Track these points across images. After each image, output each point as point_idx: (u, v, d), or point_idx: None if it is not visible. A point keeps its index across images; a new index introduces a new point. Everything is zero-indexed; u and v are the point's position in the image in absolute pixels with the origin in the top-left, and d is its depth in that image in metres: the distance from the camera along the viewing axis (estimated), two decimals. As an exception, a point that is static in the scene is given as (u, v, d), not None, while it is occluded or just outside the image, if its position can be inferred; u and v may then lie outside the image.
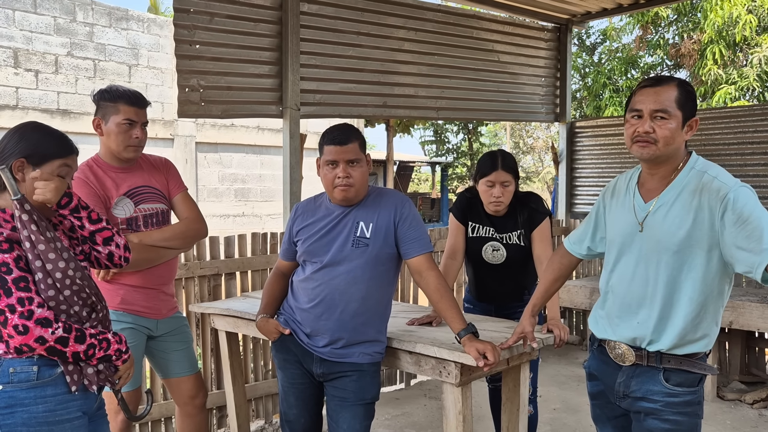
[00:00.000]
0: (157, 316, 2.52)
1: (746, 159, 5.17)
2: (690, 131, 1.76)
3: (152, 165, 2.57)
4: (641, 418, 1.81)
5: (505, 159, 2.74)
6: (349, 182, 2.18)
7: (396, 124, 17.83)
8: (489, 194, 2.73)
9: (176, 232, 2.50)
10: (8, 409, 1.67)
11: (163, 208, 2.53)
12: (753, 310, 3.96)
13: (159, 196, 2.53)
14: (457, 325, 2.20)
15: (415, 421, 3.89)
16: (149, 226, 2.48)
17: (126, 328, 2.40)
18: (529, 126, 27.00)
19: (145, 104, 2.44)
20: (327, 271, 2.24)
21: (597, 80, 14.72)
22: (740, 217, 1.63)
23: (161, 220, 2.53)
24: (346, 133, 2.21)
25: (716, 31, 12.22)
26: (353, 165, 2.19)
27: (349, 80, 4.36)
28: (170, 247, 2.48)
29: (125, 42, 9.22)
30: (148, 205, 2.48)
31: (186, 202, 2.59)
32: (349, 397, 2.25)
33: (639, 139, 1.74)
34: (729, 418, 3.94)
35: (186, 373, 2.61)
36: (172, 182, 2.58)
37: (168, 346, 2.58)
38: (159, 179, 2.55)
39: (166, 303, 2.56)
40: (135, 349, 2.39)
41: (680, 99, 1.73)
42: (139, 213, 2.46)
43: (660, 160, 1.77)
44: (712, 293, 1.74)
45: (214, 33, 3.73)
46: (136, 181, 2.47)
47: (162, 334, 2.55)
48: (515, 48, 5.52)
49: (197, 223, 2.57)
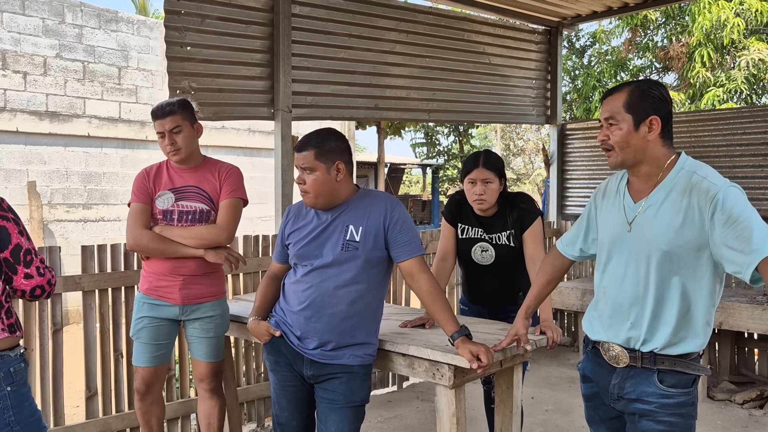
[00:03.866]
0: (177, 302, 2.71)
1: (735, 161, 5.22)
2: (653, 130, 1.75)
3: (212, 170, 2.77)
4: (635, 420, 1.81)
5: (487, 157, 2.75)
6: (304, 188, 2.21)
7: (387, 127, 17.83)
8: (472, 192, 2.74)
9: (195, 232, 2.68)
10: (19, 407, 1.83)
11: (203, 208, 2.72)
12: (742, 311, 3.99)
13: (203, 197, 2.72)
14: (450, 328, 2.20)
15: (408, 424, 3.88)
16: (183, 221, 2.70)
17: (148, 314, 2.71)
18: (519, 128, 27.11)
19: (165, 113, 2.65)
20: (317, 273, 2.23)
21: (587, 83, 14.80)
22: (730, 217, 1.64)
23: (197, 218, 2.71)
24: (305, 140, 2.22)
25: (704, 34, 12.32)
26: (307, 173, 2.20)
27: (340, 82, 4.36)
28: (185, 244, 2.66)
29: (115, 44, 9.16)
30: (187, 203, 2.71)
31: (224, 209, 2.72)
32: (338, 399, 2.23)
33: (602, 146, 1.84)
34: (719, 418, 3.97)
35: (200, 358, 2.79)
36: (225, 188, 2.75)
37: (190, 331, 2.78)
38: (211, 183, 2.74)
39: (192, 291, 2.72)
40: (155, 331, 2.72)
41: (628, 102, 1.77)
42: (176, 208, 2.70)
43: (629, 164, 1.81)
44: (703, 293, 1.75)
45: (205, 35, 3.72)
46: (187, 180, 2.72)
47: (188, 318, 2.75)
48: (506, 50, 5.54)
49: (219, 229, 2.70)
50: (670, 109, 1.79)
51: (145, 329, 2.73)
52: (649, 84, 1.81)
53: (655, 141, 1.77)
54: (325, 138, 2.21)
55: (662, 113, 1.77)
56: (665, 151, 1.79)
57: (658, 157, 1.79)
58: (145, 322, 2.72)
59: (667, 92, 1.80)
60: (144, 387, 2.76)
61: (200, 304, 2.75)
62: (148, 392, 2.77)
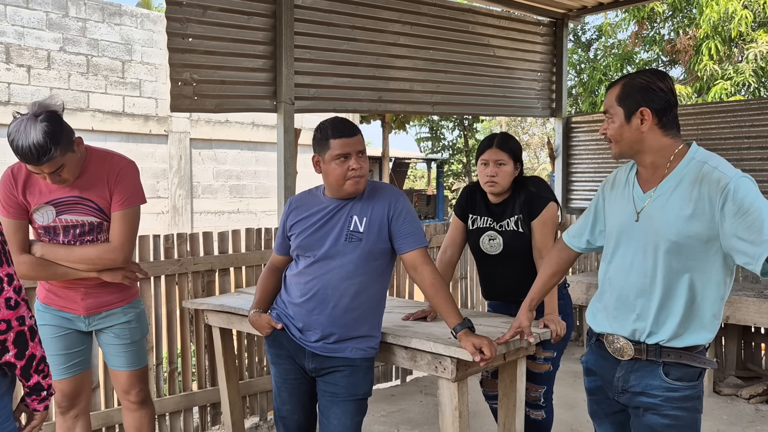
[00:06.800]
0: (80, 312, 2.43)
1: (743, 153, 5.17)
2: (645, 122, 1.74)
3: (99, 174, 2.36)
4: (640, 414, 1.79)
5: (503, 139, 2.64)
6: (362, 173, 2.19)
7: (391, 121, 17.80)
8: (484, 174, 2.62)
9: (85, 256, 2.33)
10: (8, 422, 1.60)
11: (92, 221, 2.35)
12: (750, 305, 3.95)
13: (90, 209, 2.35)
14: (452, 320, 2.18)
15: (411, 418, 3.86)
16: (69, 237, 2.35)
17: (47, 323, 2.42)
18: (524, 123, 27.02)
19: (40, 162, 2.15)
20: (320, 265, 2.21)
21: (592, 76, 14.70)
22: (741, 207, 1.61)
23: (86, 231, 2.36)
24: (351, 125, 2.23)
25: (712, 27, 12.20)
26: (362, 156, 2.21)
27: (344, 74, 4.32)
28: (75, 269, 2.34)
29: (118, 37, 9.16)
30: (71, 216, 2.33)
31: (118, 223, 2.36)
32: (340, 393, 2.22)
33: (604, 139, 1.87)
34: (725, 413, 3.93)
35: (119, 368, 2.53)
36: (116, 197, 2.36)
37: (103, 339, 2.51)
38: (99, 191, 2.35)
39: (96, 300, 2.43)
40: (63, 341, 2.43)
41: (620, 95, 1.79)
42: (59, 223, 2.33)
43: (627, 155, 1.82)
44: (711, 285, 1.72)
45: (207, 26, 3.69)
46: (68, 191, 2.32)
47: (98, 328, 2.48)
48: (511, 43, 5.49)
49: (113, 252, 2.35)
50: (669, 99, 1.75)
51: (50, 340, 2.39)
52: (643, 75, 1.78)
53: (653, 132, 1.75)
54: None
55: (656, 104, 1.74)
56: (669, 141, 1.76)
57: (660, 147, 1.76)
58: (49, 332, 2.40)
59: (664, 82, 1.76)
60: (66, 401, 2.45)
61: (109, 312, 2.45)
62: (70, 406, 2.48)
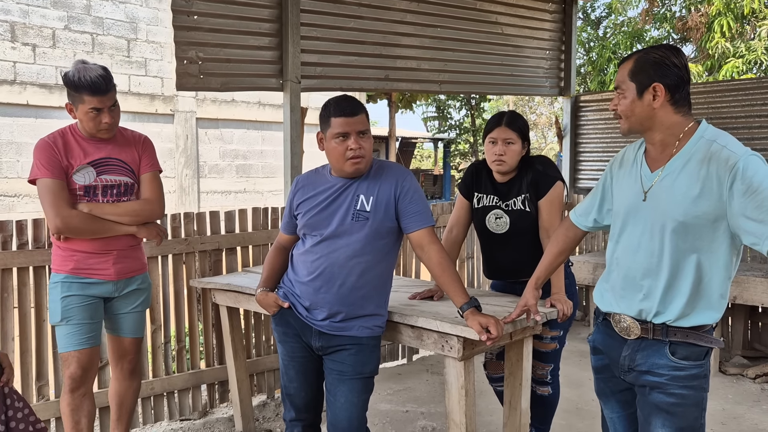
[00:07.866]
0: (112, 277, 2.57)
1: (753, 132, 5.12)
2: (657, 98, 1.71)
3: (127, 140, 2.62)
4: (646, 392, 1.79)
5: (512, 117, 2.62)
6: (361, 153, 2.17)
7: (398, 100, 17.67)
8: (492, 152, 2.60)
9: (129, 209, 2.56)
10: None
11: (127, 181, 2.59)
12: (757, 285, 3.94)
13: (125, 170, 2.58)
14: (459, 299, 2.18)
15: (418, 396, 3.89)
16: (108, 197, 2.54)
17: (74, 293, 2.51)
18: (532, 102, 26.77)
19: (108, 89, 2.45)
20: (327, 244, 2.21)
21: (602, 55, 14.51)
22: (750, 186, 1.59)
23: (122, 192, 2.58)
24: (354, 104, 2.20)
25: (724, 4, 12.00)
26: (363, 136, 2.18)
27: (350, 53, 4.28)
28: (120, 222, 2.54)
29: (123, 16, 9.09)
30: (110, 176, 2.54)
31: (150, 183, 2.63)
32: (347, 371, 2.23)
33: (614, 115, 1.83)
34: (731, 392, 3.94)
35: (125, 335, 2.68)
36: (144, 160, 2.64)
37: (119, 306, 2.65)
38: (130, 154, 2.60)
39: (125, 265, 2.60)
40: (88, 310, 2.53)
41: (633, 70, 1.75)
42: (99, 182, 2.52)
43: (636, 131, 1.79)
44: (718, 265, 1.70)
45: (212, 3, 3.65)
46: (105, 152, 2.54)
47: (120, 294, 2.62)
48: (519, 20, 5.42)
49: (153, 204, 2.61)
50: (682, 75, 1.72)
51: (76, 309, 2.51)
52: (657, 50, 1.74)
53: (664, 108, 1.72)
54: (360, 102, 2.26)
55: (669, 80, 1.70)
56: (679, 118, 1.73)
57: (670, 124, 1.73)
58: (76, 301, 2.51)
59: (678, 57, 1.72)
60: (81, 372, 2.51)
61: (132, 278, 2.65)
62: (83, 381, 2.53)
